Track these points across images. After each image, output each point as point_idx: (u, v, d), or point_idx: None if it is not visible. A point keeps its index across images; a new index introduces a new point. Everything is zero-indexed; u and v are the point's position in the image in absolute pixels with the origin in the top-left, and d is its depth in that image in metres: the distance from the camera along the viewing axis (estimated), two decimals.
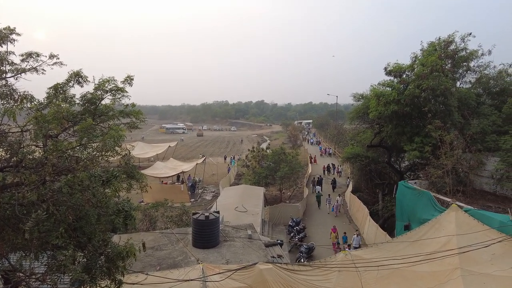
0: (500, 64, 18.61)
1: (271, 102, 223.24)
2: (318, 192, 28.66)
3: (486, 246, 8.20)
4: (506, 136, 14.07)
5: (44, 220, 4.34)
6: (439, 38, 18.25)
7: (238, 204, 18.34)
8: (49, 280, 4.51)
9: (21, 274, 4.64)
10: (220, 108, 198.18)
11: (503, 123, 15.60)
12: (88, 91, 7.68)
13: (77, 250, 4.91)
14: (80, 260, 4.97)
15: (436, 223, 9.84)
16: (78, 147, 5.70)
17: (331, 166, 41.12)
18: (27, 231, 4.12)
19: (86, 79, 7.38)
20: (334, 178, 34.25)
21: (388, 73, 18.65)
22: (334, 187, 31.73)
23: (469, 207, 10.67)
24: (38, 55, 6.98)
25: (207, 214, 11.01)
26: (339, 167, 40.86)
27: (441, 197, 12.85)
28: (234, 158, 48.81)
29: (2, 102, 6.35)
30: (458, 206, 10.10)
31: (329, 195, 27.50)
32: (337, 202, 25.47)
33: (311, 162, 43.63)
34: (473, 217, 9.51)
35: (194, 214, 11.27)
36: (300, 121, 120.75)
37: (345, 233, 19.11)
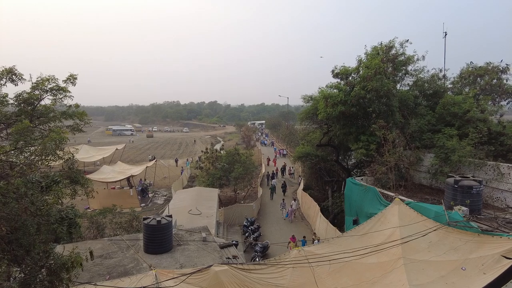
0: (432, 69, 20.49)
1: (224, 103, 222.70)
2: (272, 184, 31.44)
3: (424, 236, 8.90)
4: (439, 134, 15.40)
5: None
6: (381, 43, 19.49)
7: (192, 207, 17.99)
8: None
9: None
10: (171, 108, 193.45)
11: (436, 122, 17.06)
12: (25, 90, 7.04)
13: (11, 265, 4.46)
14: (16, 275, 4.53)
15: (382, 217, 10.48)
16: (12, 151, 5.20)
17: (285, 167, 41.01)
18: None
19: (22, 77, 6.75)
20: (284, 181, 33.48)
21: (336, 75, 19.48)
22: (284, 191, 31.40)
23: (410, 200, 11.50)
24: None
25: (158, 218, 10.64)
26: (291, 168, 41.16)
27: (386, 192, 13.72)
28: (188, 160, 47.86)
29: None
30: (400, 199, 10.85)
31: (283, 199, 26.75)
32: (292, 207, 24.62)
33: (268, 164, 43.44)
34: (413, 209, 10.28)
35: (145, 219, 10.83)
36: (253, 122, 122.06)
37: (304, 237, 18.17)
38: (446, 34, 22.17)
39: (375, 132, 15.65)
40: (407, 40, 18.86)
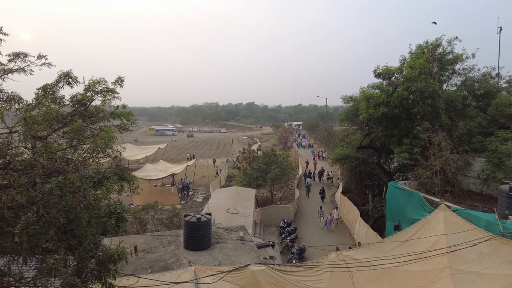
0: (483, 67, 19.09)
1: (261, 104, 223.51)
2: (308, 183, 31.99)
3: (473, 245, 8.35)
4: (491, 137, 14.39)
5: (33, 223, 4.25)
6: (427, 41, 18.58)
7: (230, 206, 18.30)
8: (39, 284, 4.42)
9: (10, 279, 4.53)
10: (210, 109, 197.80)
11: (488, 125, 15.95)
12: (78, 92, 7.56)
13: (68, 253, 4.82)
14: (70, 263, 4.88)
15: (426, 223, 9.99)
16: (68, 149, 5.61)
17: (323, 171, 38.78)
18: (17, 234, 4.03)
19: (76, 80, 7.26)
20: (322, 187, 30.93)
21: (378, 75, 18.89)
22: (322, 198, 29.20)
23: (457, 207, 10.86)
24: (26, 55, 6.84)
25: (198, 216, 10.94)
26: (329, 172, 38.67)
27: (430, 197, 13.05)
28: (227, 160, 48.66)
29: None
30: (447, 206, 10.27)
31: (320, 207, 24.37)
32: (331, 216, 22.39)
33: (306, 167, 41.03)
34: (461, 216, 9.69)
35: (185, 216, 11.18)
36: (290, 122, 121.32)
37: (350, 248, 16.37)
38: (501, 29, 20.63)
39: (419, 135, 14.95)
40: (456, 38, 17.81)
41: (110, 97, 8.00)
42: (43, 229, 4.42)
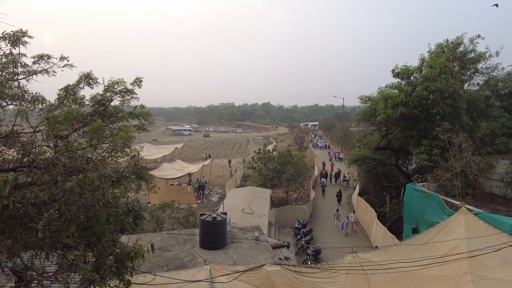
0: (508, 66, 18.42)
1: (277, 104, 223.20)
2: (323, 183, 32.10)
3: (496, 250, 8.07)
4: None
5: (55, 219, 4.39)
6: (447, 40, 18.10)
7: (245, 206, 18.35)
8: (60, 279, 4.56)
9: (33, 273, 4.70)
10: (226, 110, 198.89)
11: None
12: (98, 93, 7.74)
13: (87, 250, 4.95)
14: (89, 259, 5.02)
15: (445, 226, 9.72)
16: (88, 148, 5.76)
17: (339, 173, 37.49)
18: (40, 230, 4.17)
19: (96, 81, 7.45)
20: (340, 189, 30.42)
21: (396, 75, 18.54)
22: (339, 200, 28.61)
23: (479, 210, 10.51)
24: (49, 57, 7.07)
25: (214, 215, 11.02)
26: (346, 174, 37.30)
27: (450, 200, 12.70)
28: (244, 160, 48.78)
29: (15, 103, 6.44)
30: (467, 209, 9.96)
31: (337, 210, 23.55)
32: (348, 219, 21.66)
33: (323, 169, 40.21)
34: (483, 220, 9.37)
35: (201, 215, 11.30)
36: (306, 123, 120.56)
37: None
38: None
39: (438, 136, 14.57)
40: (479, 36, 17.28)
41: (129, 98, 8.15)
42: (64, 226, 4.56)
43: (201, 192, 33.07)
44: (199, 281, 7.60)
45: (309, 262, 16.01)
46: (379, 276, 8.52)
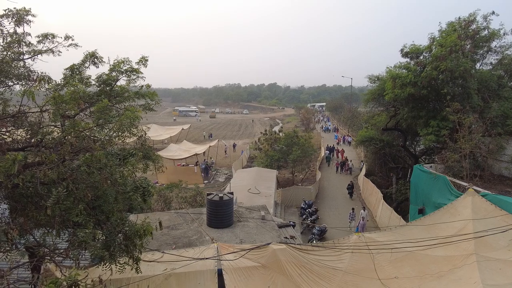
0: None
1: (283, 85, 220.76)
2: (327, 154, 37.09)
3: (503, 231, 8.05)
4: None
5: (64, 198, 4.46)
6: (459, 18, 17.48)
7: (251, 186, 18.49)
8: (71, 255, 4.69)
9: (45, 249, 4.83)
10: (232, 91, 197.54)
11: None
12: (104, 72, 7.69)
13: (96, 228, 5.05)
14: (99, 237, 5.13)
15: (452, 208, 9.70)
16: (95, 128, 5.77)
17: (345, 162, 34.09)
18: (49, 208, 4.25)
19: (102, 60, 7.38)
20: (351, 181, 26.89)
21: (405, 54, 18.09)
22: (351, 194, 25.44)
23: (487, 191, 10.43)
24: (53, 36, 6.99)
25: (221, 194, 11.14)
26: (349, 162, 33.95)
27: (458, 181, 12.61)
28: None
29: (21, 83, 6.44)
30: (475, 190, 9.89)
31: (353, 209, 20.51)
32: (363, 220, 18.44)
33: (337, 156, 38.67)
34: (490, 202, 9.31)
35: (208, 194, 11.43)
36: (313, 104, 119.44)
37: None
38: None
39: (448, 117, 14.31)
40: (493, 12, 16.62)
41: (135, 77, 8.09)
42: (73, 204, 4.64)
43: (207, 172, 33.35)
44: (206, 258, 7.76)
45: (314, 241, 16.21)
46: (384, 255, 8.60)
